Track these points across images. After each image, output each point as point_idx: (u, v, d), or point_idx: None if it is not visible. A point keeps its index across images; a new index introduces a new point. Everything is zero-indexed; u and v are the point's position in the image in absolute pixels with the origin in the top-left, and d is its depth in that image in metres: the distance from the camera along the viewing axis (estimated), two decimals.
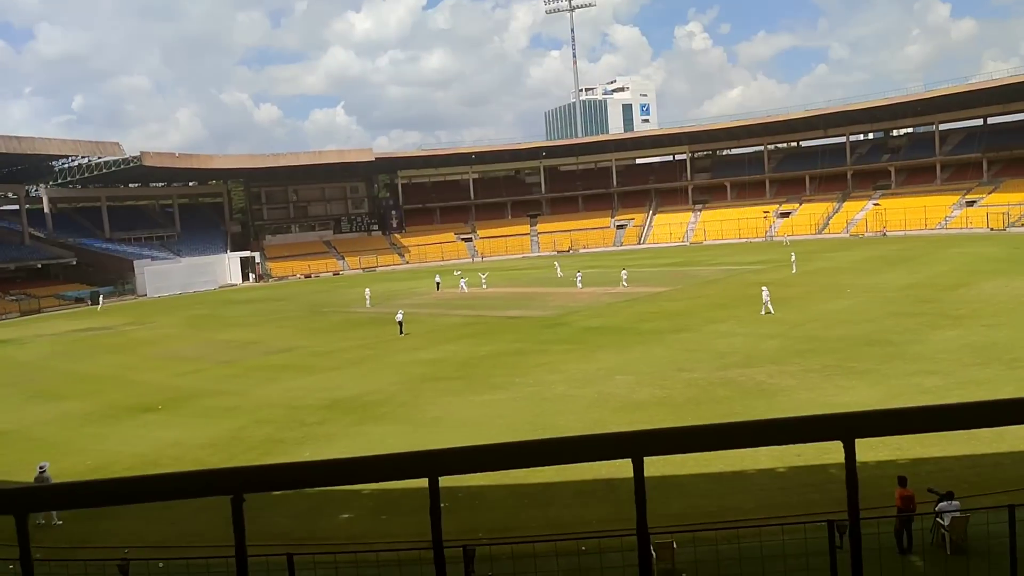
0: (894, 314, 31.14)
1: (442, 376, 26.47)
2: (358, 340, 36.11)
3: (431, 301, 49.63)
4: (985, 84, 76.41)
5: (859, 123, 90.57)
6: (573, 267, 67.73)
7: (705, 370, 23.89)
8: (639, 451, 1.47)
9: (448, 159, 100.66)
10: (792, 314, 33.40)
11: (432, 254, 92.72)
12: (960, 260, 48.96)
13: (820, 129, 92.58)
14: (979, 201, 76.85)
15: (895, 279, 42.01)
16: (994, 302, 32.09)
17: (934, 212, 77.13)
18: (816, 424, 1.53)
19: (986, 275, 40.44)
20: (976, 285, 37.24)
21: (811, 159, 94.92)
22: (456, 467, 1.42)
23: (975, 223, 72.20)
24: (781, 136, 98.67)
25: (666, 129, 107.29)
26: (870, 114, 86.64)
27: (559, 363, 26.92)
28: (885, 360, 23.26)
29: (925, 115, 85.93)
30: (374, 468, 1.47)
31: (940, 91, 78.93)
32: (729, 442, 1.47)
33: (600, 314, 38.72)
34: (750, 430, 1.50)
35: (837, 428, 1.50)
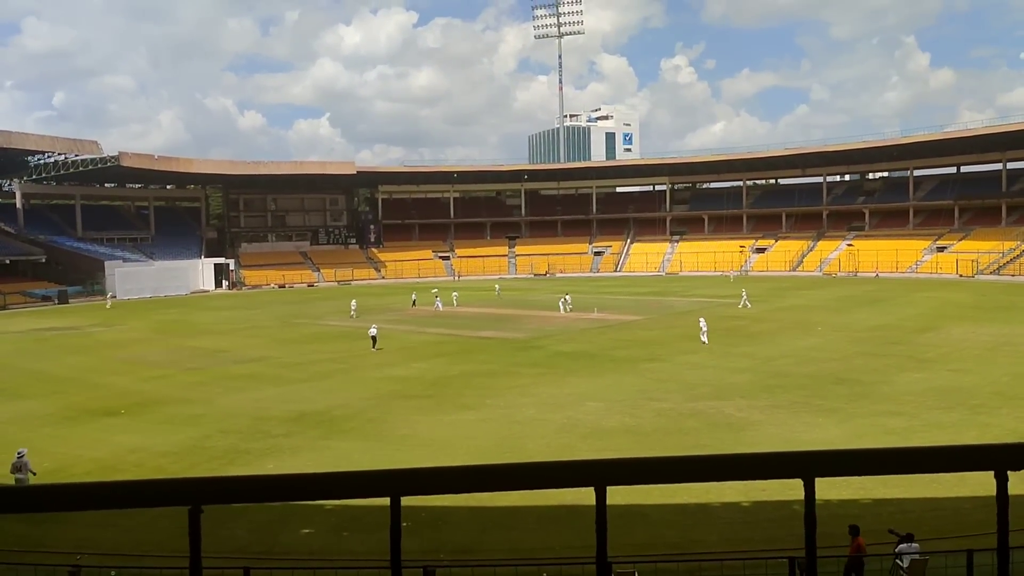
0: (863, 354, 31.53)
1: (412, 394, 26.30)
2: (329, 353, 35.82)
3: (405, 318, 49.46)
4: (960, 133, 78.24)
5: (836, 164, 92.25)
6: (550, 290, 67.87)
7: (675, 400, 23.97)
8: (602, 480, 1.47)
9: (430, 177, 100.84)
10: (763, 349, 33.68)
11: (409, 270, 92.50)
12: (929, 304, 49.77)
13: (799, 168, 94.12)
14: (950, 247, 78.35)
15: (865, 319, 42.58)
16: (961, 347, 32.62)
17: (906, 256, 78.50)
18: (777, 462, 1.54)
19: (954, 320, 41.13)
20: (944, 330, 37.85)
21: (788, 197, 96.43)
22: (419, 488, 1.41)
23: (945, 269, 73.54)
24: (760, 173, 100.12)
25: (648, 159, 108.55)
26: (847, 156, 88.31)
27: (530, 386, 26.88)
28: (852, 399, 23.50)
29: (900, 160, 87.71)
30: (336, 485, 1.45)
31: (916, 138, 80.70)
32: (691, 476, 1.48)
33: (574, 339, 38.77)
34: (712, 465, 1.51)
35: (797, 466, 1.52)
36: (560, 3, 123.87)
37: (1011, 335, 35.43)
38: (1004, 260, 71.46)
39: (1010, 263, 70.63)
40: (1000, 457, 1.63)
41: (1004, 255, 72.17)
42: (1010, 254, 72.06)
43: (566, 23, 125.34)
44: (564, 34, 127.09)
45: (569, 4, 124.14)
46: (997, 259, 71.93)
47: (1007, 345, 32.75)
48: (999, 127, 74.11)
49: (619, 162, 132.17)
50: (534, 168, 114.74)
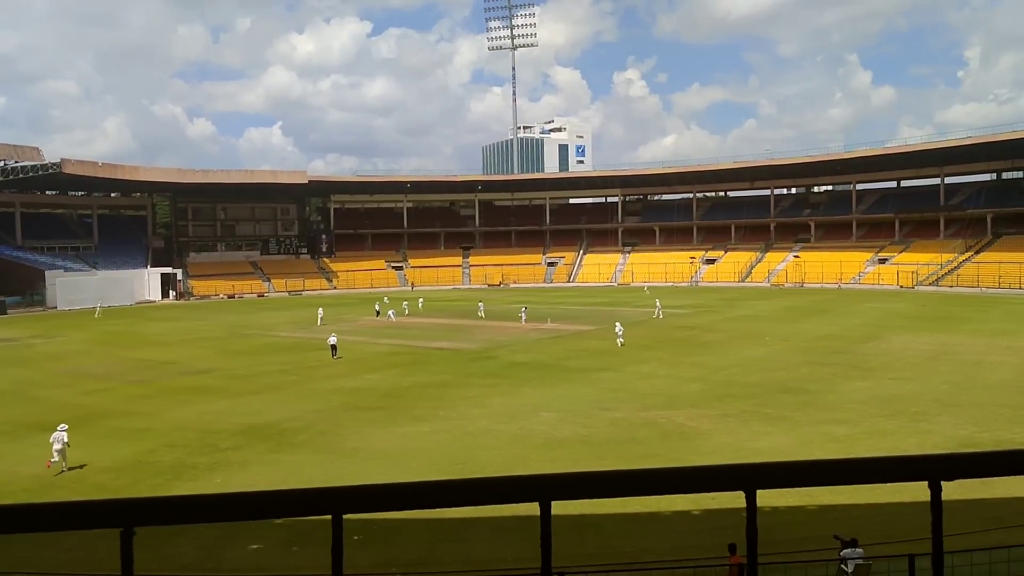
0: (809, 363, 32.24)
1: (364, 405, 26.03)
2: (280, 365, 35.27)
3: (358, 328, 48.98)
4: (900, 149, 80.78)
5: (783, 178, 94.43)
6: (506, 301, 68.00)
7: (627, 410, 24.17)
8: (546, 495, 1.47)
9: (383, 186, 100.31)
10: (714, 359, 34.20)
11: (361, 281, 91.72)
12: (872, 314, 51.15)
13: (747, 181, 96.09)
14: (891, 259, 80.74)
15: (811, 329, 43.57)
16: (902, 356, 33.58)
17: (849, 267, 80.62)
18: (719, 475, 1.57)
19: (895, 330, 42.34)
20: (886, 339, 38.92)
21: (737, 209, 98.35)
22: (359, 505, 1.39)
23: (886, 280, 75.76)
24: (710, 185, 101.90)
25: (600, 171, 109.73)
26: (793, 170, 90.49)
27: (483, 397, 26.83)
28: (799, 408, 23.99)
29: (844, 174, 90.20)
30: (273, 504, 1.42)
31: (858, 152, 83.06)
32: (634, 490, 1.49)
33: (527, 349, 38.85)
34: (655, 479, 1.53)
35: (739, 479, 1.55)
36: (514, 16, 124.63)
37: (949, 344, 36.60)
38: (942, 272, 73.89)
39: (947, 275, 73.06)
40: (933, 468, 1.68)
41: (942, 267, 74.62)
42: (948, 266, 74.56)
43: (520, 35, 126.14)
44: (518, 46, 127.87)
45: (523, 17, 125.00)
46: (936, 271, 74.34)
47: (946, 354, 33.83)
48: (937, 143, 76.77)
49: (572, 174, 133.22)
50: (488, 179, 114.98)
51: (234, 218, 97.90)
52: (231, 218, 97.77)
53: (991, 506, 13.67)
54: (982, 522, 12.47)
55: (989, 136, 71.41)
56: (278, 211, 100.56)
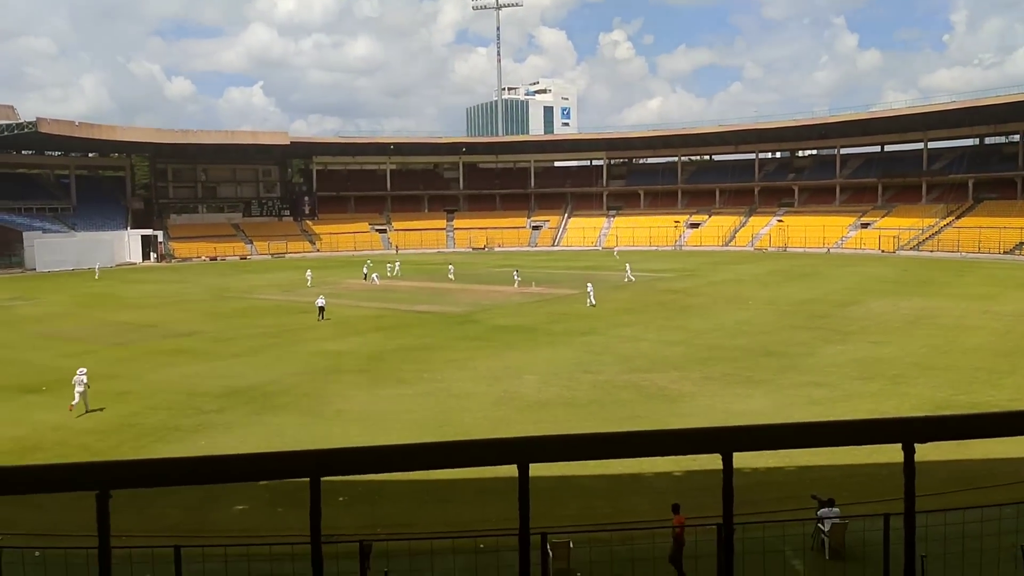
0: (790, 327, 32.57)
1: (348, 368, 26.08)
2: (263, 328, 35.18)
3: (342, 291, 48.84)
4: (884, 113, 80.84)
5: (768, 142, 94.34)
6: (490, 264, 68.03)
7: (611, 373, 24.37)
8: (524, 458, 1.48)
9: (366, 148, 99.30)
10: (697, 322, 34.47)
11: (344, 243, 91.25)
12: (853, 279, 51.61)
13: (732, 145, 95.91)
14: (873, 224, 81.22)
15: (793, 293, 43.94)
16: (881, 321, 33.98)
17: (832, 232, 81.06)
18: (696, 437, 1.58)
19: (876, 295, 42.78)
20: (866, 303, 39.34)
21: (722, 173, 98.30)
22: (337, 468, 1.39)
23: (868, 244, 76.30)
24: (695, 149, 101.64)
25: (585, 134, 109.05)
26: (778, 134, 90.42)
27: (468, 360, 26.95)
28: (780, 371, 24.29)
29: (828, 139, 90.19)
30: (252, 466, 1.42)
31: (843, 116, 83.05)
32: (611, 452, 1.50)
33: (512, 313, 38.95)
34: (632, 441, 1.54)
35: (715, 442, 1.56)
36: None
37: (929, 309, 37.06)
38: (923, 236, 74.52)
39: (929, 239, 73.70)
40: (906, 430, 1.71)
41: (923, 231, 75.23)
42: (929, 231, 75.17)
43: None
44: (502, 5, 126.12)
45: None
46: (917, 235, 74.96)
47: (925, 318, 34.26)
48: (921, 108, 76.90)
49: (557, 136, 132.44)
50: (472, 141, 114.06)
51: (215, 180, 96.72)
52: (212, 179, 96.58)
53: (966, 467, 13.98)
54: (957, 483, 12.76)
55: (972, 101, 71.53)
56: (260, 173, 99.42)
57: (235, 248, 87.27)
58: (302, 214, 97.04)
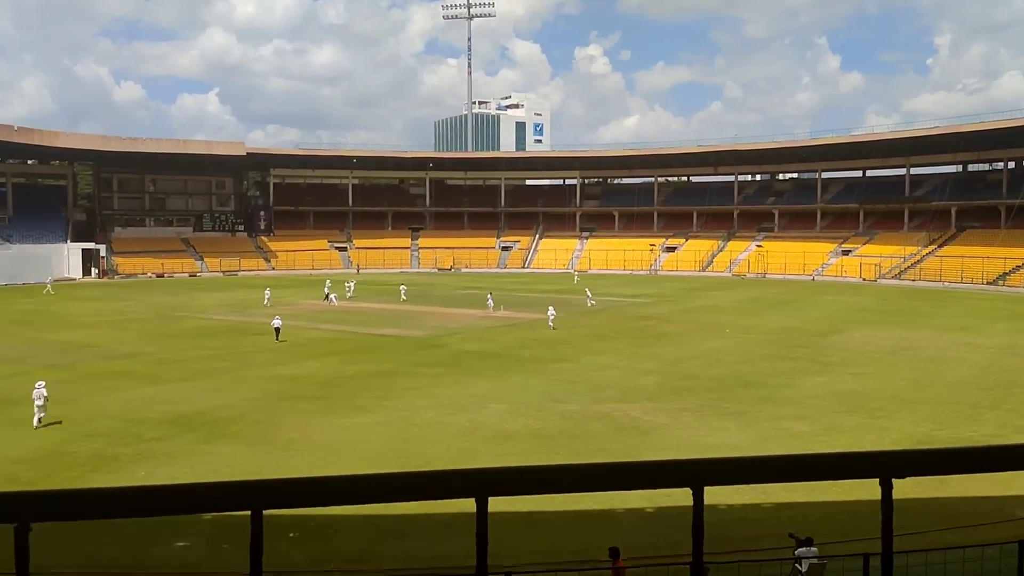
0: (769, 357, 32.94)
1: (302, 395, 25.81)
2: (212, 349, 34.72)
3: (298, 312, 48.41)
4: (866, 137, 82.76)
5: (748, 163, 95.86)
6: (456, 285, 67.92)
7: (581, 403, 24.40)
8: (482, 491, 1.47)
9: (327, 161, 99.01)
10: (671, 350, 34.70)
11: (302, 261, 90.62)
12: (833, 307, 52.44)
13: (711, 166, 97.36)
14: (854, 251, 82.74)
15: (772, 322, 44.49)
16: (862, 351, 34.51)
17: (812, 258, 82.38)
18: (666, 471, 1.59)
19: (856, 324, 43.48)
20: (846, 333, 39.96)
21: (700, 195, 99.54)
22: (283, 500, 1.36)
23: (849, 272, 77.63)
24: (673, 170, 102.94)
25: (559, 152, 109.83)
26: (758, 156, 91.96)
27: (431, 387, 26.82)
28: (758, 403, 24.51)
29: (809, 162, 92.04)
30: (187, 498, 1.37)
31: (824, 140, 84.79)
32: (577, 486, 1.49)
33: (478, 337, 38.90)
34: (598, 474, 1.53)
35: (686, 475, 1.56)
36: None
37: (910, 339, 37.74)
38: (905, 265, 76.04)
39: (911, 268, 75.23)
40: (884, 465, 1.73)
41: (905, 260, 76.79)
42: (911, 259, 76.75)
43: (476, 4, 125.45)
44: (474, 16, 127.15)
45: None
46: (899, 263, 76.47)
47: (906, 349, 34.88)
48: (904, 132, 78.83)
49: (529, 153, 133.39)
50: (440, 156, 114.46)
51: (164, 191, 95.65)
52: (161, 191, 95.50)
53: (947, 505, 14.17)
54: (937, 521, 12.92)
55: (956, 127, 73.47)
56: (213, 185, 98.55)
57: (184, 264, 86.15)
58: (257, 229, 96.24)
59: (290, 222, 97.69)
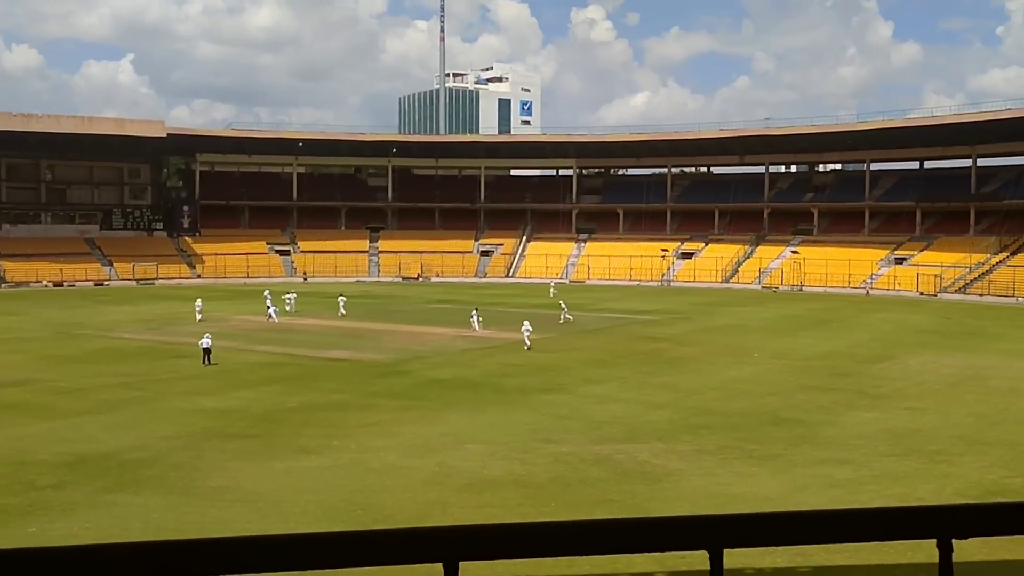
0: (806, 387, 33.09)
1: (234, 432, 25.68)
2: (123, 376, 34.50)
3: (230, 331, 48.21)
4: (925, 121, 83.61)
5: (781, 152, 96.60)
6: (424, 297, 67.85)
7: (577, 443, 24.40)
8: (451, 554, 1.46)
9: (267, 145, 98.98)
10: (688, 379, 34.78)
11: (235, 268, 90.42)
12: (884, 328, 52.79)
13: (736, 155, 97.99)
14: (909, 259, 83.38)
15: (810, 345, 44.72)
16: (919, 381, 34.73)
17: (859, 268, 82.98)
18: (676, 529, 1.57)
19: (912, 348, 43.77)
20: (900, 359, 40.22)
21: (723, 190, 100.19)
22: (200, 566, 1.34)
23: (904, 284, 78.20)
24: (689, 159, 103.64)
25: (551, 136, 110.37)
26: (794, 143, 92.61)
27: (393, 424, 26.76)
28: (792, 443, 24.60)
29: (856, 150, 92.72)
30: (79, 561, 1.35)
31: (874, 124, 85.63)
32: (568, 547, 1.47)
33: (452, 362, 38.87)
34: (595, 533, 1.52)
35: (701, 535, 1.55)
36: None
37: (977, 367, 38.02)
38: (971, 276, 76.67)
39: (978, 280, 75.83)
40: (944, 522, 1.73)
41: (971, 270, 77.43)
42: (978, 269, 77.36)
43: None
44: None
45: None
46: (963, 274, 77.10)
47: (973, 379, 35.13)
48: (970, 115, 79.66)
49: (515, 137, 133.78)
50: (406, 140, 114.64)
51: (64, 180, 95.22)
52: (61, 180, 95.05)
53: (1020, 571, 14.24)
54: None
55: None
56: (125, 173, 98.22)
57: (89, 271, 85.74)
58: (180, 228, 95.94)
59: (220, 219, 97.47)
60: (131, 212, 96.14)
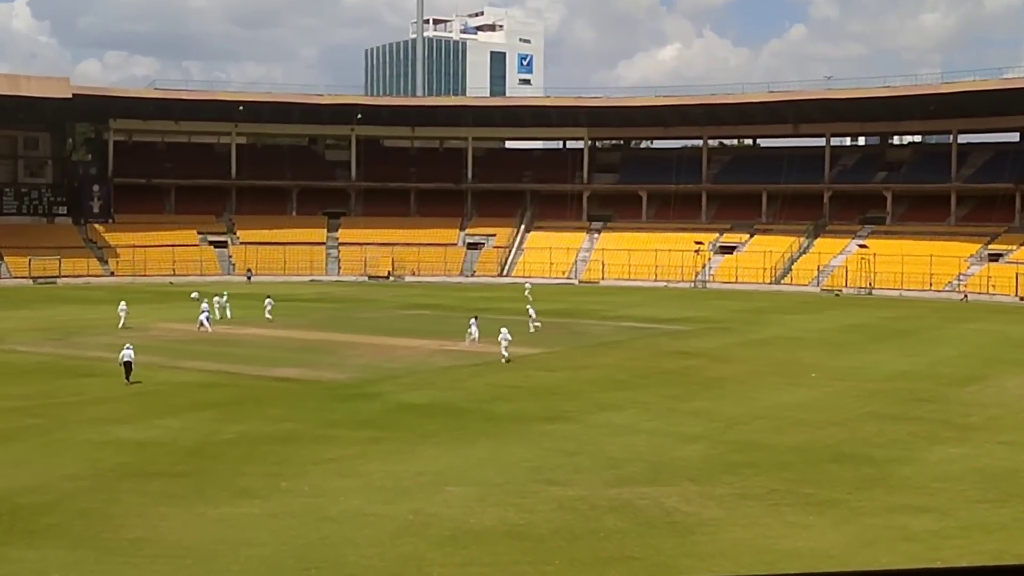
0: (876, 416, 33.08)
1: (156, 470, 25.63)
2: (15, 399, 34.45)
3: (150, 342, 48.13)
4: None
5: (846, 120, 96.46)
6: (396, 301, 67.79)
7: (588, 485, 24.37)
8: None
9: (199, 108, 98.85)
10: (727, 405, 34.76)
11: (157, 263, 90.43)
12: (976, 341, 52.83)
13: (789, 123, 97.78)
14: (1007, 255, 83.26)
15: (881, 363, 44.68)
16: (1018, 408, 34.74)
17: (943, 266, 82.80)
18: None
19: (1010, 367, 43.77)
20: (995, 380, 40.22)
21: (773, 168, 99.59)
22: None
23: (1000, 287, 78.11)
24: (731, 128, 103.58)
25: (557, 99, 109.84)
26: (862, 109, 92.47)
27: (356, 460, 26.73)
28: (859, 486, 24.58)
29: (940, 119, 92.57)
30: None
31: (963, 85, 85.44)
32: None
33: (431, 383, 38.84)
34: None
35: None
36: None
37: None
38: None
39: None
40: None
41: None
42: None
43: None
44: None
45: None
46: None
47: None
48: None
49: (511, 100, 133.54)
50: (374, 103, 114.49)
51: None
52: None
53: None
54: None
55: None
56: (20, 144, 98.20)
57: None
58: (88, 214, 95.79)
59: (140, 203, 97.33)
60: (26, 193, 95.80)
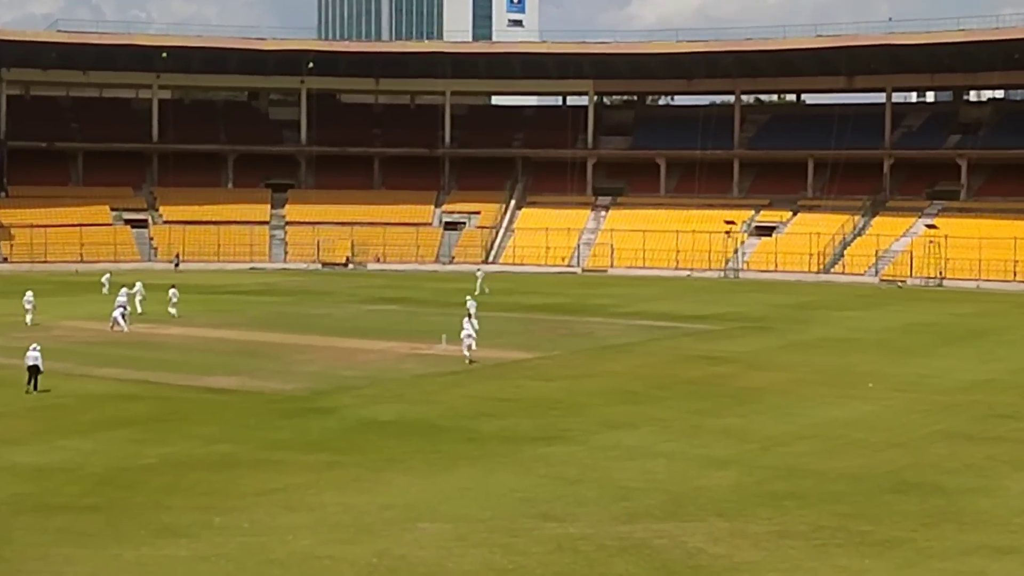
0: (948, 436, 33.17)
1: (60, 503, 25.66)
2: None
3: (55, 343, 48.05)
4: None
5: (910, 71, 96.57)
6: (357, 294, 67.83)
7: (593, 520, 24.40)
8: None
9: (111, 55, 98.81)
10: (764, 422, 34.82)
11: (61, 245, 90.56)
12: None
13: (842, 75, 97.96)
14: None
15: (954, 370, 44.79)
16: None
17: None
18: None
19: None
20: None
21: (821, 131, 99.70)
22: None
23: None
24: (768, 81, 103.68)
25: (555, 45, 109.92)
26: (930, 57, 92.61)
27: (307, 490, 26.72)
28: (925, 521, 24.66)
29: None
30: None
31: None
32: None
33: (400, 395, 38.88)
34: None
35: None
36: None
37: None
38: None
39: None
40: None
41: None
42: None
43: None
44: None
45: None
46: None
47: None
48: None
49: (499, 46, 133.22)
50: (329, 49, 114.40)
51: None
52: None
53: None
54: None
55: None
56: None
57: None
58: None
59: (39, 172, 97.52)
60: None
